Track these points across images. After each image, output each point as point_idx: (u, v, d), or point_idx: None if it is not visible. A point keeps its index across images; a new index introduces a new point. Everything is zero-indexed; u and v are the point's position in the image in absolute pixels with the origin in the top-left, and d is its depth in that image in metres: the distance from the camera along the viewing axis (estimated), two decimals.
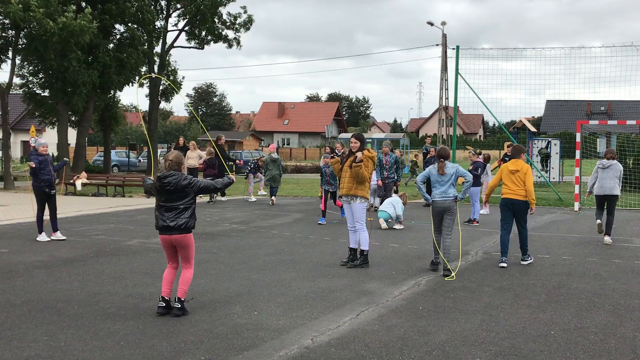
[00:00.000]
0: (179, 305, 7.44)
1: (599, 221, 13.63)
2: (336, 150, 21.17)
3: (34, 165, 12.96)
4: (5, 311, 7.57)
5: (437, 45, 36.72)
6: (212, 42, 38.50)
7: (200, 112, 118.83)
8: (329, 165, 16.12)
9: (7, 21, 26.98)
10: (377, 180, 18.16)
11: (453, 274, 9.90)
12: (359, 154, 10.39)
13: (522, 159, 11.28)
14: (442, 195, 10.34)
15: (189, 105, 36.67)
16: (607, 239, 13.50)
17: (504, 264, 10.76)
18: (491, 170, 21.10)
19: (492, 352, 6.20)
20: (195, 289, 8.77)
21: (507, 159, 25.48)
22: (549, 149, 31.39)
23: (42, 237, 13.12)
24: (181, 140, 24.66)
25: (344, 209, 10.85)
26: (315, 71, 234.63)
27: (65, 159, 14.67)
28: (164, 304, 7.48)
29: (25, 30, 28.27)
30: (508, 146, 26.30)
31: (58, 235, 13.30)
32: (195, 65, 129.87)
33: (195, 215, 7.62)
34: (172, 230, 7.47)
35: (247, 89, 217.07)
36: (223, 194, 23.21)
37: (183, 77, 41.03)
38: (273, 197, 21.36)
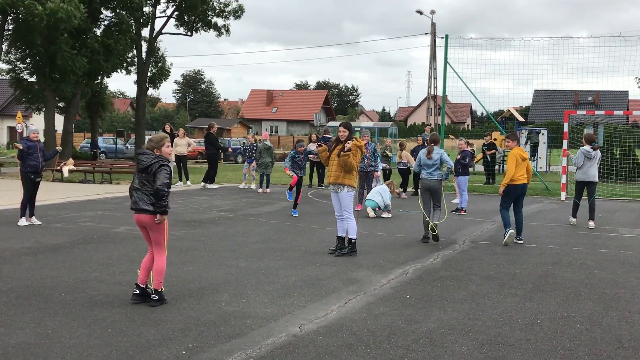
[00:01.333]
0: (156, 297, 7.38)
1: (574, 220, 14.70)
2: (311, 140, 21.02)
3: (21, 147, 13.03)
4: None
5: (425, 34, 36.78)
6: (201, 30, 38.28)
7: (188, 99, 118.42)
8: (302, 153, 15.73)
9: None
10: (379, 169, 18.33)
11: (432, 222, 11.94)
12: (347, 144, 10.32)
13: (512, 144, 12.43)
14: (428, 175, 12.27)
15: None
16: (591, 223, 14.27)
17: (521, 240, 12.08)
18: (475, 162, 21.17)
19: (478, 340, 6.24)
20: (183, 276, 8.77)
21: (485, 147, 25.59)
22: (537, 138, 31.51)
23: (22, 222, 13.24)
24: (167, 127, 24.49)
25: (332, 197, 10.77)
26: (302, 59, 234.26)
27: (58, 148, 14.65)
28: (138, 292, 7.43)
29: (12, 15, 28.01)
30: (485, 136, 26.43)
31: (33, 221, 13.45)
32: (182, 52, 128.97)
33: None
34: (141, 211, 7.38)
35: (234, 76, 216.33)
36: (212, 181, 23.13)
37: (171, 64, 40.88)
38: (268, 189, 21.43)
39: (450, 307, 7.43)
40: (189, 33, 38.74)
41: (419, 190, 20.94)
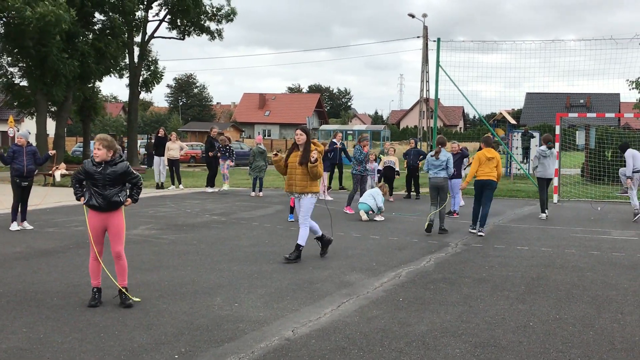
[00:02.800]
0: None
1: (544, 214, 16.33)
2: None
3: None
4: None
5: (418, 37, 36.88)
6: (194, 34, 38.22)
7: (181, 103, 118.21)
8: None
9: None
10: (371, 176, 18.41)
11: (427, 220, 13.42)
12: (313, 154, 9.94)
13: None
14: (435, 175, 13.58)
15: None
16: (543, 215, 16.33)
17: (476, 231, 13.39)
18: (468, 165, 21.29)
19: (471, 343, 6.24)
20: (175, 280, 8.75)
21: None
22: (529, 142, 31.59)
23: (13, 226, 13.24)
24: (161, 131, 24.47)
25: (296, 204, 10.52)
26: (293, 63, 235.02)
27: (50, 152, 14.60)
28: (117, 294, 7.69)
29: (4, 19, 27.90)
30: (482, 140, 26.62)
31: (25, 225, 13.45)
32: (172, 56, 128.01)
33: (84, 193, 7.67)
34: None
35: (225, 80, 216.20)
36: (212, 185, 23.10)
37: (164, 68, 40.73)
38: (260, 193, 21.46)
39: (443, 310, 7.44)
40: (181, 37, 38.70)
41: (412, 193, 21.13)
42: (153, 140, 29.35)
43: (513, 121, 34.32)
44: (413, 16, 38.50)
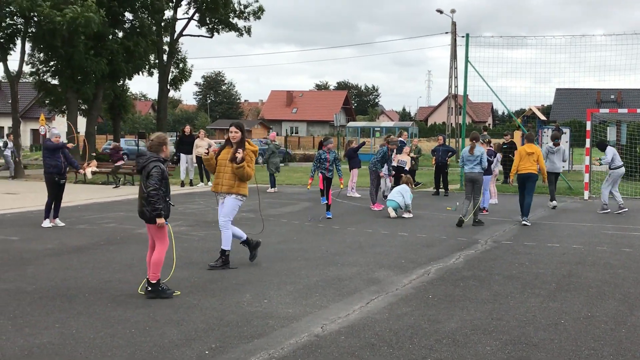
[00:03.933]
0: (150, 289, 7.65)
1: (554, 202, 17.53)
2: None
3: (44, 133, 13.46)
4: (17, 299, 7.61)
5: (446, 33, 36.70)
6: (222, 31, 38.45)
7: (209, 101, 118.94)
8: (330, 150, 15.32)
9: (15, 10, 26.95)
10: (387, 176, 18.20)
11: (464, 219, 13.86)
12: (238, 154, 8.99)
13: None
14: (470, 169, 14.16)
15: None
16: (551, 203, 17.55)
17: (527, 223, 14.15)
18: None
19: (502, 340, 6.20)
20: (205, 277, 8.81)
21: (505, 146, 25.51)
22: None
23: (46, 223, 13.42)
24: (187, 129, 24.54)
25: (219, 204, 9.58)
26: (319, 60, 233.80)
27: (63, 141, 14.68)
28: (150, 288, 7.72)
29: (35, 19, 28.29)
30: (505, 135, 26.89)
31: (57, 222, 13.60)
32: (198, 54, 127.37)
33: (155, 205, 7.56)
34: (141, 214, 7.76)
35: (251, 78, 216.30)
36: None
37: (192, 66, 41.10)
38: (274, 189, 21.59)
39: (473, 307, 7.40)
40: (210, 34, 38.92)
41: (440, 190, 21.03)
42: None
43: (543, 117, 34.03)
44: (441, 12, 38.35)
